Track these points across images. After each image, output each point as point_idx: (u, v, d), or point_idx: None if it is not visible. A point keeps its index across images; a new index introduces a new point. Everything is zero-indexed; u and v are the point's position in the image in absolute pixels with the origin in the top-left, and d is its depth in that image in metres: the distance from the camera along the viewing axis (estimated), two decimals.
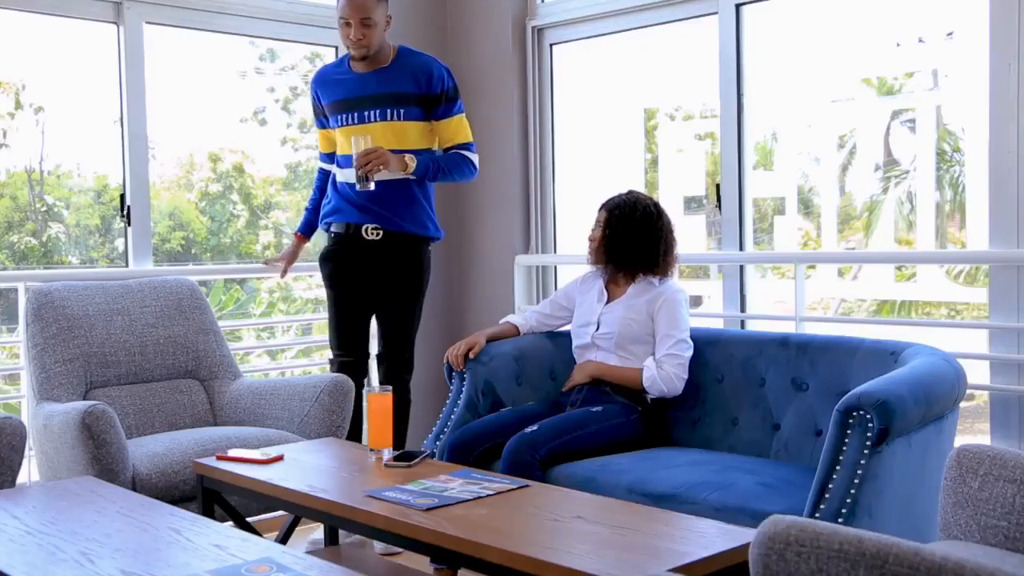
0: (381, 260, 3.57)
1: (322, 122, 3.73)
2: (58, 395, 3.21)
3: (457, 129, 3.62)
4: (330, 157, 3.73)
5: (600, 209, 3.33)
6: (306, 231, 3.85)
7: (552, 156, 4.33)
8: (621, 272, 3.31)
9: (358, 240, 3.56)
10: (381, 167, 3.39)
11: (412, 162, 3.48)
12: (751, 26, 3.66)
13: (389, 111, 3.53)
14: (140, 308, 3.51)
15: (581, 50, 4.27)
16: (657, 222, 3.27)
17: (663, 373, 3.15)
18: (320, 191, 3.79)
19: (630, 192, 3.33)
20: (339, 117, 3.59)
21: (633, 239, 3.25)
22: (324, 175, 3.79)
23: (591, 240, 3.35)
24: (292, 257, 3.85)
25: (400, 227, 3.55)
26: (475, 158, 3.65)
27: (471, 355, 3.33)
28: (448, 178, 3.61)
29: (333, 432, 3.28)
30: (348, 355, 3.63)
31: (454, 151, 3.62)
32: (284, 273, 3.88)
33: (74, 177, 4.79)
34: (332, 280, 3.66)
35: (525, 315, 3.55)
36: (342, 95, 3.58)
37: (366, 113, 3.54)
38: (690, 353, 3.19)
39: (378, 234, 3.54)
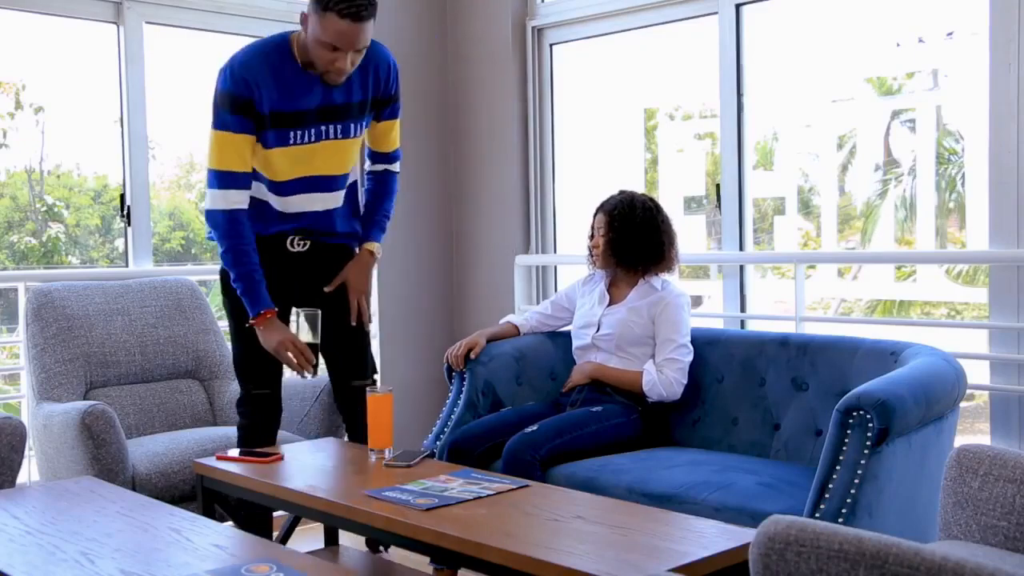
0: (309, 271, 2.98)
1: (251, 126, 2.76)
2: (58, 395, 3.21)
3: (397, 132, 3.04)
4: (249, 177, 2.83)
5: (597, 213, 3.31)
6: (270, 303, 2.84)
7: (552, 156, 4.33)
8: (626, 274, 3.31)
9: (278, 252, 2.93)
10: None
11: (378, 249, 3.04)
12: (751, 26, 3.65)
13: (352, 126, 2.86)
14: (140, 308, 3.51)
15: (581, 50, 4.27)
16: (657, 217, 3.27)
17: (663, 378, 3.14)
18: (251, 243, 2.83)
19: (623, 192, 3.32)
20: (287, 134, 2.78)
21: (637, 237, 3.24)
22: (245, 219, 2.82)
23: (593, 247, 3.32)
24: (289, 334, 2.83)
25: (335, 238, 2.99)
26: (398, 167, 3.11)
27: (471, 355, 3.32)
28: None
29: (333, 432, 3.28)
30: (264, 387, 2.98)
31: (383, 175, 3.06)
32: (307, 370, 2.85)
33: (74, 177, 4.79)
34: (240, 311, 2.89)
35: (526, 315, 3.54)
36: (294, 105, 2.76)
37: (324, 128, 2.80)
38: (690, 358, 3.19)
39: (304, 244, 2.95)
